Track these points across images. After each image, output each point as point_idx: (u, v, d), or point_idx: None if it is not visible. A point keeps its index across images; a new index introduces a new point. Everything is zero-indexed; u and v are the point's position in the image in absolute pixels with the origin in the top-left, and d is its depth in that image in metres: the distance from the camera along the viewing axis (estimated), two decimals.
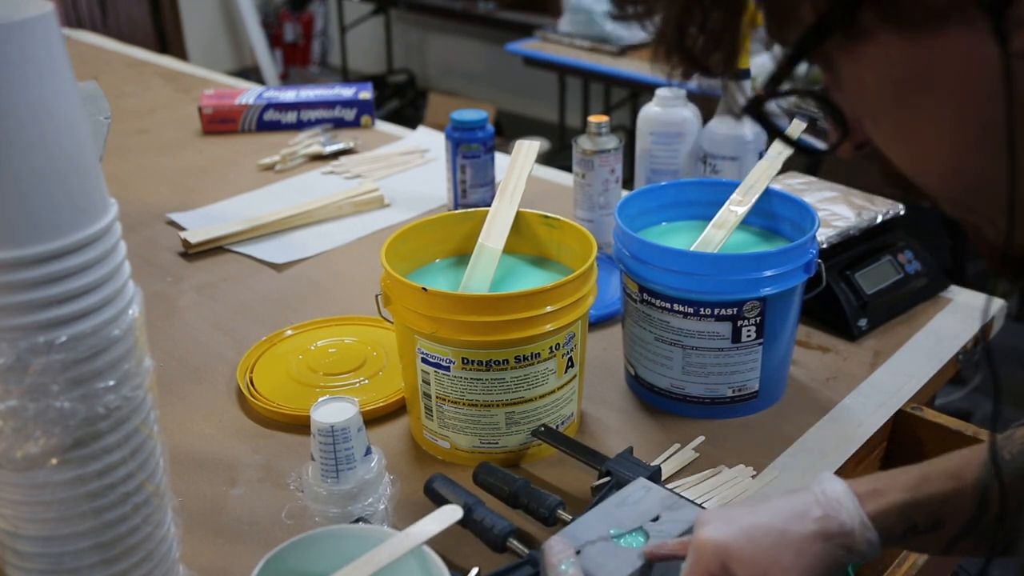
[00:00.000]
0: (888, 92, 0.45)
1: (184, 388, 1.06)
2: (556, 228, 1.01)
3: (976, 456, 0.66)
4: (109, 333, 0.60)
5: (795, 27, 0.45)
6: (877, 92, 0.45)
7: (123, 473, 0.64)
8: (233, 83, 2.19)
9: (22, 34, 0.53)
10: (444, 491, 0.82)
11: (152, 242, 1.41)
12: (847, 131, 0.48)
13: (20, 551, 0.64)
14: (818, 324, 1.15)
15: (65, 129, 0.57)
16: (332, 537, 0.69)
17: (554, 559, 0.68)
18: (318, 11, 5.45)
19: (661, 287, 0.94)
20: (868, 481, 0.66)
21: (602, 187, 1.30)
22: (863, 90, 0.46)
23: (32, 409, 0.58)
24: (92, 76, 1.19)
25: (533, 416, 0.91)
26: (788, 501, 0.65)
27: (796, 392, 1.04)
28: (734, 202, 1.05)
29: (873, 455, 1.00)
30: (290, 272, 1.33)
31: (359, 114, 1.86)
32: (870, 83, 0.45)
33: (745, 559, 0.62)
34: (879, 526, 0.63)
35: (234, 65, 5.33)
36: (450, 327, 0.86)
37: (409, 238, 0.99)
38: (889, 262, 1.18)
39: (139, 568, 0.67)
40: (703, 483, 0.90)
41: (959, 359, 1.12)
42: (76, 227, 0.58)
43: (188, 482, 0.92)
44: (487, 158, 1.42)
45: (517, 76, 4.38)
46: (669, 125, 1.34)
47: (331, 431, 0.78)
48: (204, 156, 1.75)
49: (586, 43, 3.12)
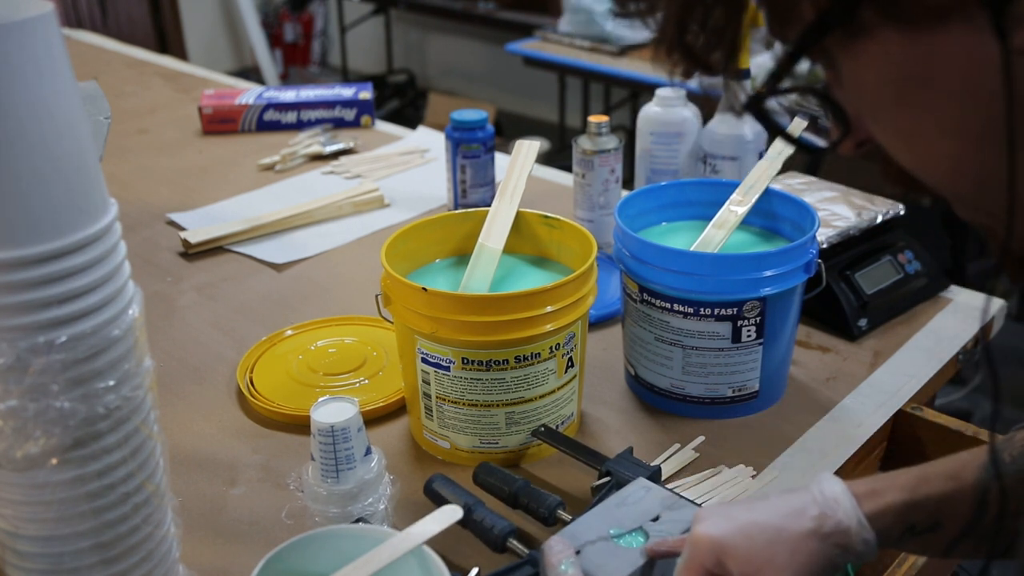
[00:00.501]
0: (889, 89, 0.45)
1: (184, 388, 1.06)
2: (556, 228, 1.01)
3: (975, 458, 0.66)
4: (109, 333, 0.60)
5: (796, 24, 0.45)
6: (878, 89, 0.45)
7: (123, 473, 0.64)
8: (233, 83, 2.19)
9: (22, 34, 0.53)
10: (444, 491, 0.82)
11: (152, 242, 1.41)
12: (848, 129, 0.48)
13: (20, 551, 0.64)
14: (818, 324, 1.15)
15: (65, 129, 0.57)
16: (332, 537, 0.69)
17: (554, 559, 0.68)
18: (318, 11, 5.45)
19: (661, 287, 0.94)
20: (866, 482, 0.66)
21: (602, 187, 1.30)
22: (864, 87, 0.46)
23: (32, 409, 0.58)
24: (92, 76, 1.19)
25: (533, 416, 0.91)
26: (786, 499, 0.65)
27: (796, 392, 1.04)
28: (734, 202, 1.05)
29: (873, 455, 1.00)
30: (290, 272, 1.33)
31: (359, 114, 1.86)
32: (871, 80, 0.45)
33: (740, 556, 0.62)
34: (876, 526, 0.63)
35: (234, 65, 5.33)
36: (450, 327, 0.86)
37: (409, 238, 0.99)
38: (889, 262, 1.18)
39: (139, 568, 0.67)
40: (703, 483, 0.90)
41: (959, 359, 1.12)
42: (76, 227, 0.58)
43: (188, 482, 0.91)
44: (487, 158, 1.42)
45: (517, 76, 4.38)
46: (669, 125, 1.34)
47: (331, 431, 0.78)
48: (204, 156, 1.75)
49: (586, 43, 3.12)
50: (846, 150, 0.50)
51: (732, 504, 0.67)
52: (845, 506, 0.63)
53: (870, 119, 0.47)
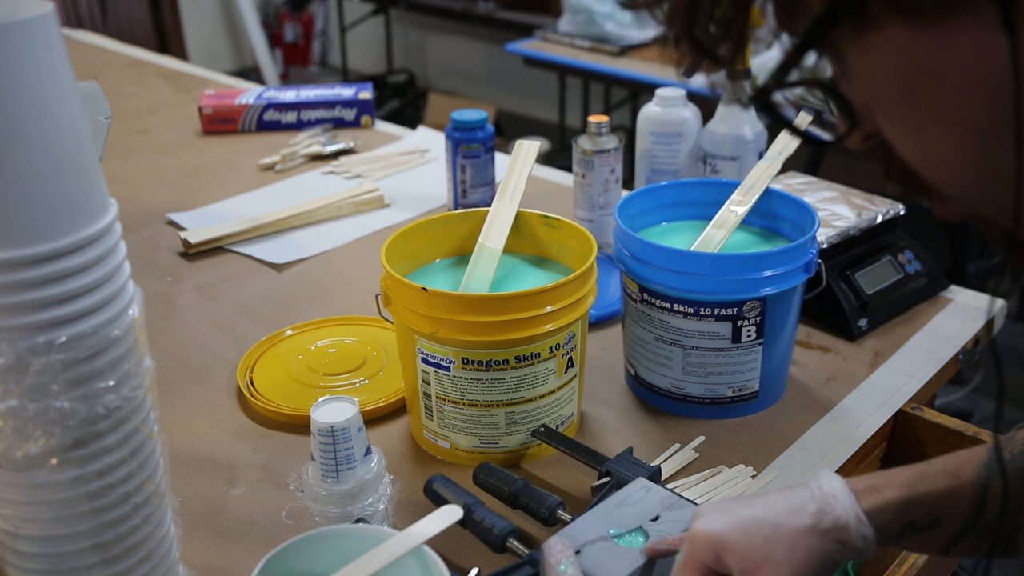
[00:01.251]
0: (896, 83, 0.44)
1: (184, 388, 1.06)
2: (556, 228, 1.01)
3: (975, 457, 0.66)
4: (109, 333, 0.60)
5: (804, 17, 0.45)
6: (885, 83, 0.45)
7: (123, 473, 0.64)
8: (233, 83, 2.19)
9: (22, 34, 0.53)
10: (444, 491, 0.82)
11: (152, 242, 1.41)
12: (856, 123, 0.48)
13: (20, 551, 0.64)
14: (818, 324, 1.15)
15: (65, 129, 0.57)
16: (332, 537, 0.69)
17: (553, 559, 0.68)
18: (318, 11, 5.45)
19: (661, 287, 0.94)
20: (865, 478, 0.66)
21: (602, 187, 1.30)
22: (871, 81, 0.46)
23: (32, 409, 0.58)
24: (92, 76, 1.19)
25: (533, 416, 0.91)
26: (784, 496, 0.66)
27: (796, 392, 1.04)
28: (734, 202, 1.05)
29: (873, 455, 1.00)
30: (290, 272, 1.33)
31: (359, 114, 1.86)
32: (878, 74, 0.45)
33: (738, 551, 0.62)
34: (875, 522, 0.63)
35: (234, 65, 5.33)
36: (450, 327, 0.86)
37: (409, 238, 0.99)
38: (889, 262, 1.18)
39: (139, 568, 0.67)
40: (703, 483, 0.90)
41: (959, 359, 1.12)
42: (76, 227, 0.58)
43: (188, 482, 0.92)
44: (487, 158, 1.43)
45: (517, 76, 4.38)
46: (669, 125, 1.34)
47: (331, 431, 0.78)
48: (204, 156, 1.75)
49: (586, 43, 3.12)
50: (853, 144, 0.50)
51: (731, 501, 0.67)
52: (844, 502, 0.64)
53: (877, 113, 0.47)
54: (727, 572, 0.63)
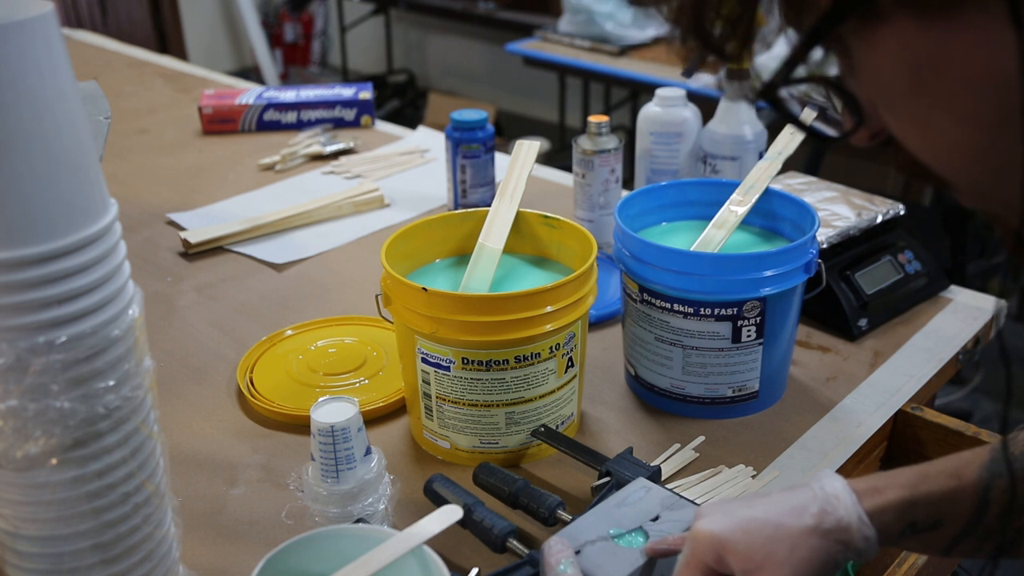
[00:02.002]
0: (903, 77, 0.44)
1: (184, 388, 1.06)
2: (556, 228, 1.01)
3: (976, 457, 0.66)
4: (109, 333, 0.60)
5: (811, 11, 0.45)
6: (892, 77, 0.45)
7: (123, 473, 0.64)
8: (233, 83, 2.19)
9: (22, 34, 0.53)
10: (444, 491, 0.82)
11: (152, 242, 1.41)
12: (862, 119, 0.48)
13: (20, 551, 0.64)
14: (818, 324, 1.15)
15: (65, 129, 0.57)
16: (332, 537, 0.69)
17: (553, 559, 0.68)
18: (318, 11, 5.45)
19: (661, 287, 0.94)
20: (867, 479, 0.66)
21: (602, 187, 1.30)
22: (878, 75, 0.46)
23: (32, 409, 0.58)
24: (92, 76, 1.19)
25: (533, 416, 0.91)
26: (786, 496, 0.65)
27: (796, 392, 1.04)
28: (734, 202, 1.05)
29: (873, 455, 1.00)
30: (290, 272, 1.33)
31: (359, 114, 1.86)
32: (885, 68, 0.45)
33: (740, 551, 0.62)
34: (877, 523, 0.63)
35: (234, 65, 5.33)
36: (450, 327, 0.86)
37: (409, 238, 0.99)
38: (889, 262, 1.18)
39: (139, 568, 0.67)
40: (703, 483, 0.90)
41: (959, 359, 1.12)
42: (76, 227, 0.58)
43: (188, 482, 0.91)
44: (487, 158, 1.42)
45: (517, 76, 4.38)
46: (669, 125, 1.34)
47: (331, 431, 0.78)
48: (204, 156, 1.75)
49: (586, 43, 3.11)
50: (860, 141, 0.50)
51: (732, 501, 0.67)
52: (846, 503, 0.64)
53: (884, 108, 0.47)
54: (729, 572, 0.63)
